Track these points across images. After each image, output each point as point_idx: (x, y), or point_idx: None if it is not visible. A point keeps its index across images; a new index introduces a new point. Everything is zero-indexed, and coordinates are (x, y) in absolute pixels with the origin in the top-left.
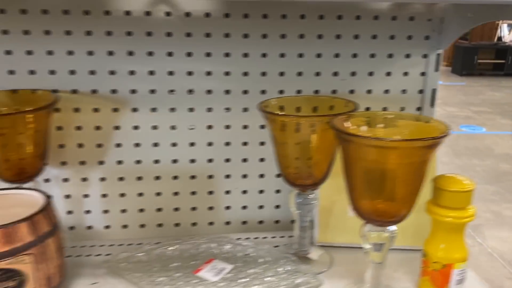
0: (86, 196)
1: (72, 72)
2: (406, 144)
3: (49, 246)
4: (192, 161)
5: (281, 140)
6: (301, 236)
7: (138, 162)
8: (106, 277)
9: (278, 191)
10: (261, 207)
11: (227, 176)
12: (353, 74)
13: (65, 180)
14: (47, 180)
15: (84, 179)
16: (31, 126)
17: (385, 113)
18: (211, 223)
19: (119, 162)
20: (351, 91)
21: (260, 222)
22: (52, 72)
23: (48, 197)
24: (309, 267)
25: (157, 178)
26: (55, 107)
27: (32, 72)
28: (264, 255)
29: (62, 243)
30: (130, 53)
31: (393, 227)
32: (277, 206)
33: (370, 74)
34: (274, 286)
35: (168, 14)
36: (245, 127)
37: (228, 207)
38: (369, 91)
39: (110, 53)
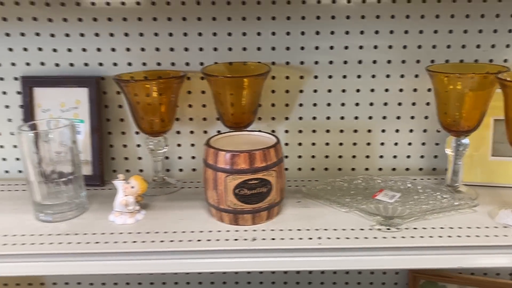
0: None
1: (273, 49)
2: None
3: (281, 168)
4: (356, 117)
5: (443, 94)
6: (454, 174)
7: (314, 118)
8: (305, 198)
9: (423, 144)
10: (408, 156)
11: (383, 131)
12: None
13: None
14: None
15: (273, 131)
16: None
17: None
18: (366, 169)
19: (300, 118)
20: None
21: (407, 169)
22: (259, 49)
23: (277, 138)
24: (462, 195)
25: (327, 131)
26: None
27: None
28: (422, 187)
29: None
30: (317, 33)
31: None
32: (422, 156)
33: None
34: (438, 205)
35: (348, 1)
36: (400, 90)
37: (381, 156)
38: None
39: (302, 33)
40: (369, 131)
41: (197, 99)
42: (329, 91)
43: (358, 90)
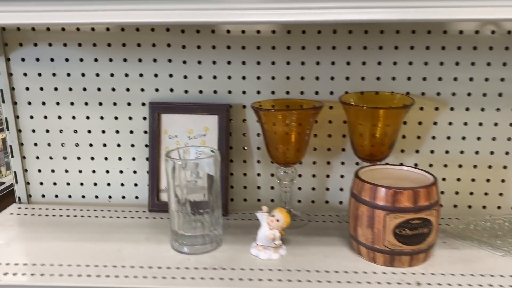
0: None
1: (409, 78)
2: None
3: (439, 207)
4: (491, 153)
5: None
6: None
7: (447, 152)
8: (449, 238)
9: None
10: None
11: None
12: None
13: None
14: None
15: (401, 164)
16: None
17: None
18: (499, 207)
19: (431, 152)
20: None
21: None
22: (393, 79)
23: (433, 176)
24: None
25: (460, 166)
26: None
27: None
28: None
29: None
30: (457, 64)
31: None
32: None
33: None
34: None
35: (493, 32)
36: None
37: None
38: None
39: (441, 64)
40: (505, 167)
41: (323, 129)
42: (465, 124)
43: (496, 124)
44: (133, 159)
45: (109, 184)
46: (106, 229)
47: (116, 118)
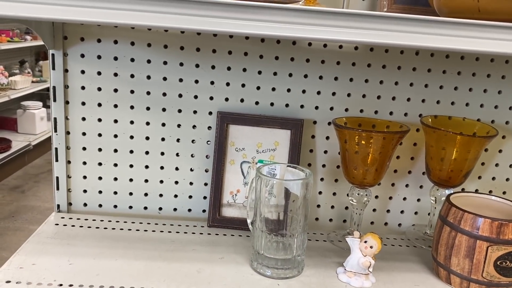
0: None
1: (481, 106)
2: None
3: None
4: None
5: None
6: None
7: (507, 180)
8: None
9: None
10: None
11: None
12: None
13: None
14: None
15: (463, 189)
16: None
17: None
18: None
19: (493, 179)
20: None
21: None
22: (467, 105)
23: None
24: None
25: None
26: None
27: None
28: None
29: None
30: None
31: None
32: None
33: None
34: None
35: None
36: None
37: None
38: None
39: (499, 92)
40: None
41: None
42: None
43: None
44: (191, 170)
45: (161, 195)
46: (171, 246)
47: (179, 125)
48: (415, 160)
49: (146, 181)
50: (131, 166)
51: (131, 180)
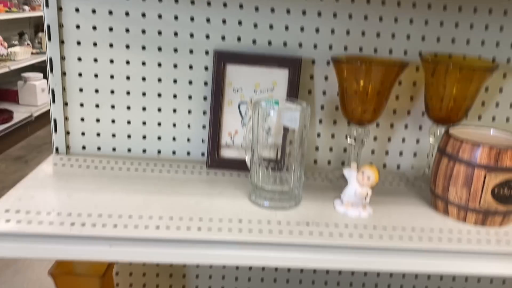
0: None
1: (482, 43)
2: None
3: None
4: None
5: None
6: None
7: (507, 120)
8: None
9: None
10: None
11: None
12: None
13: None
14: None
15: None
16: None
17: None
18: None
19: (493, 119)
20: None
21: None
22: (467, 42)
23: None
24: None
25: None
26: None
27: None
28: None
29: None
30: None
31: None
32: None
33: None
34: None
35: None
36: None
37: None
38: None
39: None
40: None
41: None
42: None
43: None
44: (189, 112)
45: (159, 138)
46: (170, 183)
47: (175, 66)
48: (415, 100)
49: (144, 123)
50: (128, 108)
51: (128, 122)
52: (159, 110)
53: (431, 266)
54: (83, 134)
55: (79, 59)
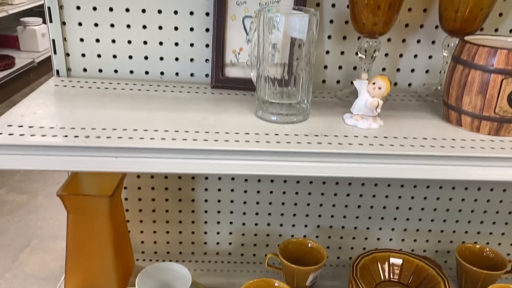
0: None
1: None
2: None
3: None
4: None
5: None
6: None
7: None
8: None
9: None
10: None
11: None
12: None
13: None
14: None
15: None
16: None
17: None
18: None
19: (511, 31)
20: None
21: None
22: None
23: None
24: None
25: None
26: None
27: None
28: None
29: None
30: None
31: None
32: None
33: None
34: None
35: None
36: None
37: None
38: None
39: None
40: None
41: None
42: None
43: None
44: (191, 29)
45: (161, 59)
46: (175, 101)
47: None
48: (428, 12)
49: (145, 43)
50: (128, 26)
51: (129, 42)
52: (160, 28)
53: (444, 172)
54: (83, 55)
55: None
